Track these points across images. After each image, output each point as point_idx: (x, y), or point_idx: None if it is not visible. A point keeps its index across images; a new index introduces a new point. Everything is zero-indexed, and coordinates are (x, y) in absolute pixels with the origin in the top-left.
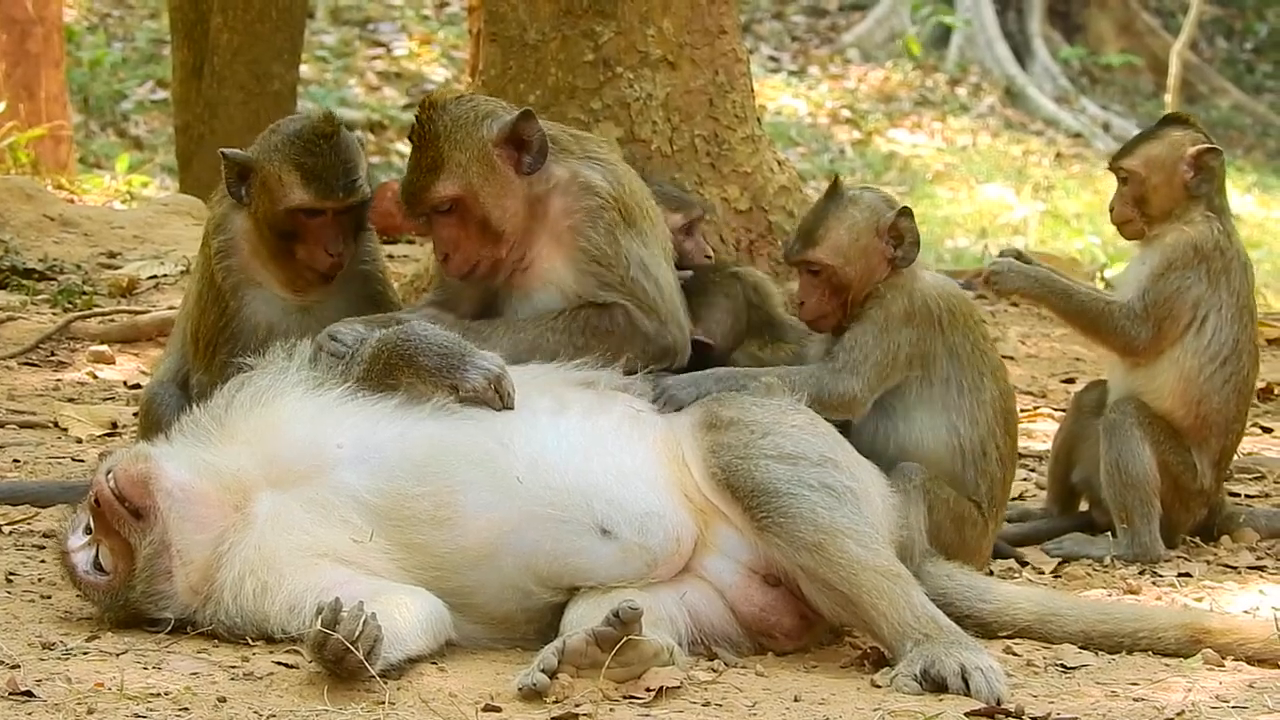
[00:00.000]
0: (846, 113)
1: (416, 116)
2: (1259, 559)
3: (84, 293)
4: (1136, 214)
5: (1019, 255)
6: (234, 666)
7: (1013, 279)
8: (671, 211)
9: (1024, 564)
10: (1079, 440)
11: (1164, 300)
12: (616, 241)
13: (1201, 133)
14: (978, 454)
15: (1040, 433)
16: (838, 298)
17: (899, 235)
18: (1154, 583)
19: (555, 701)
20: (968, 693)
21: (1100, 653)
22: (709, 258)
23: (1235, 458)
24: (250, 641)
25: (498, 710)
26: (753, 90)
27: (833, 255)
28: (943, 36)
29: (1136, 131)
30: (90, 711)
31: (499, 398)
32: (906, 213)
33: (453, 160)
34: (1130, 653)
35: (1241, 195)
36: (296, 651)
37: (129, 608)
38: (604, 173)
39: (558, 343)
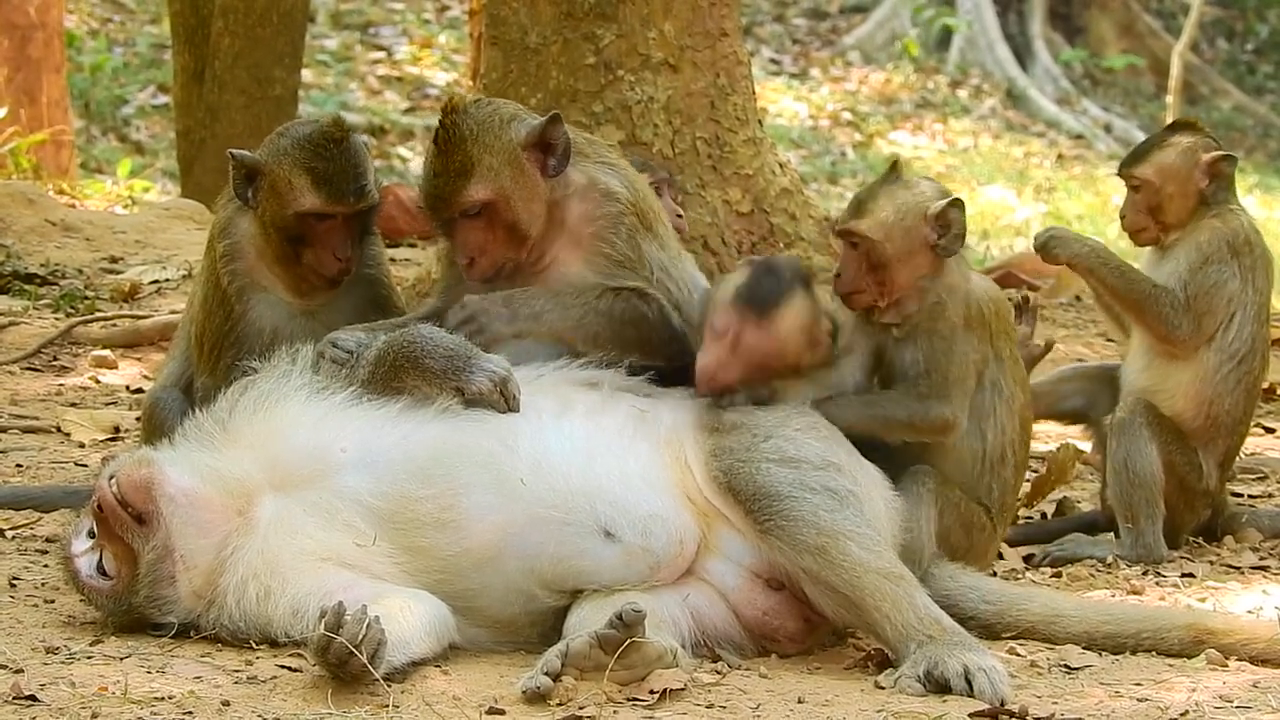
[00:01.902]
0: (848, 115)
1: (440, 121)
2: (1262, 559)
3: (86, 297)
4: (1151, 221)
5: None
6: (238, 670)
7: (1069, 245)
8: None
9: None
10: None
11: (1204, 294)
12: (639, 247)
13: (1210, 138)
14: (997, 460)
15: (1043, 434)
16: (874, 275)
17: (946, 224)
18: (1157, 583)
19: (559, 704)
20: (971, 694)
21: (1104, 653)
22: (680, 216)
23: (1238, 458)
24: (254, 645)
25: (501, 713)
26: (754, 93)
27: (876, 230)
28: (944, 39)
29: (1139, 134)
30: (94, 716)
31: (504, 400)
32: (958, 204)
33: (483, 163)
34: (1134, 653)
35: (1243, 196)
36: (300, 655)
37: (132, 612)
38: (620, 179)
39: (598, 324)
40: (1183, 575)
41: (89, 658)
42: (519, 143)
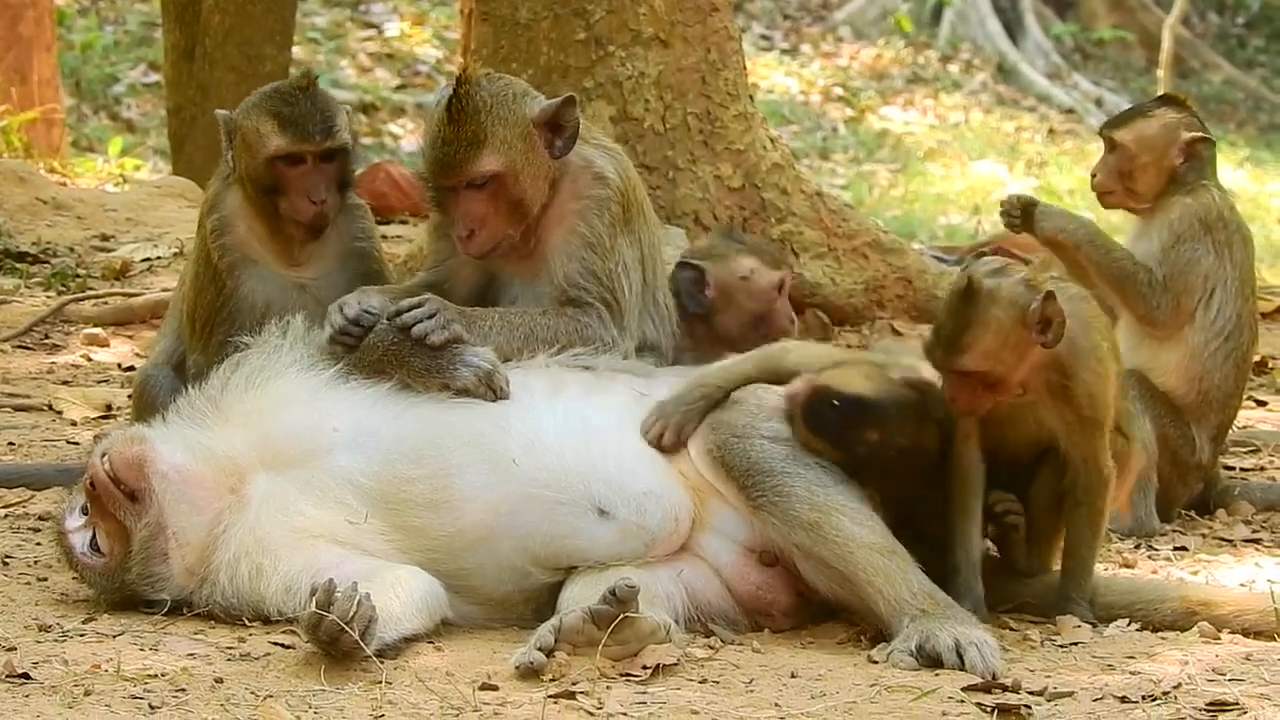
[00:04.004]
0: (839, 90)
1: (454, 90)
2: (1254, 532)
3: (77, 275)
4: (1119, 186)
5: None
6: (231, 647)
7: (1057, 219)
8: (770, 268)
9: None
10: None
11: (1179, 273)
12: (615, 236)
13: (1196, 118)
14: None
15: None
16: None
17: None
18: (1150, 557)
19: (552, 680)
20: (962, 667)
21: (1096, 626)
22: (791, 321)
23: (1230, 431)
24: (247, 622)
25: (495, 689)
26: (745, 68)
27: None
28: (934, 13)
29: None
30: (87, 693)
31: (491, 392)
32: (1052, 296)
33: (497, 135)
34: (1127, 626)
35: (1234, 170)
36: (293, 632)
37: (125, 589)
38: (615, 165)
39: (542, 341)
40: (1175, 548)
41: (82, 635)
42: (532, 118)
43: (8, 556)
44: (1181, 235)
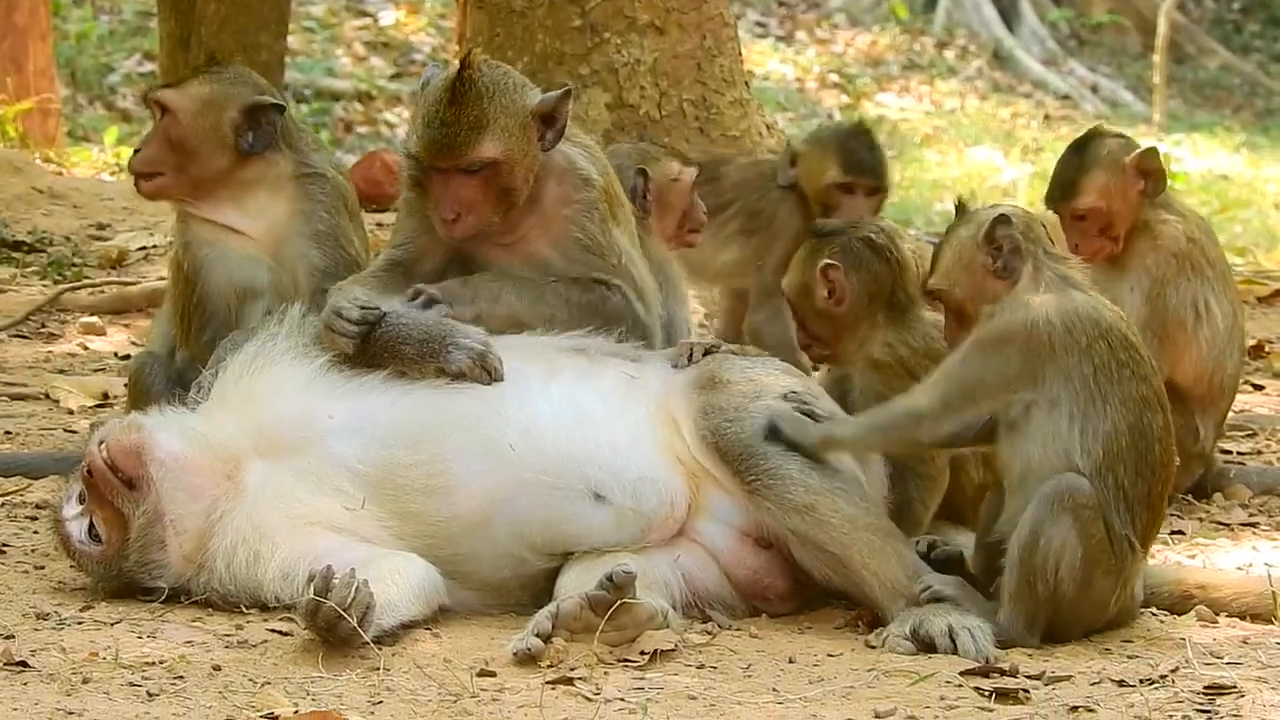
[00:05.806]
0: (834, 77)
1: (459, 73)
2: (1251, 516)
3: (74, 265)
4: (1106, 241)
5: None
6: (228, 634)
7: None
8: (686, 165)
9: None
10: None
11: (1164, 316)
12: (609, 233)
13: (1119, 136)
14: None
15: None
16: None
17: (998, 245)
18: None
19: (550, 665)
20: (955, 651)
21: None
22: (704, 214)
23: (1228, 415)
24: (244, 609)
25: (492, 675)
26: (740, 55)
27: (940, 280)
28: None
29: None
30: (85, 681)
31: (486, 374)
32: (1004, 220)
33: (499, 122)
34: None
35: (1230, 155)
36: (291, 619)
37: (123, 577)
38: (595, 163)
39: (555, 308)
40: (1172, 533)
41: (80, 623)
42: (530, 109)
43: (5, 545)
44: (1162, 278)
